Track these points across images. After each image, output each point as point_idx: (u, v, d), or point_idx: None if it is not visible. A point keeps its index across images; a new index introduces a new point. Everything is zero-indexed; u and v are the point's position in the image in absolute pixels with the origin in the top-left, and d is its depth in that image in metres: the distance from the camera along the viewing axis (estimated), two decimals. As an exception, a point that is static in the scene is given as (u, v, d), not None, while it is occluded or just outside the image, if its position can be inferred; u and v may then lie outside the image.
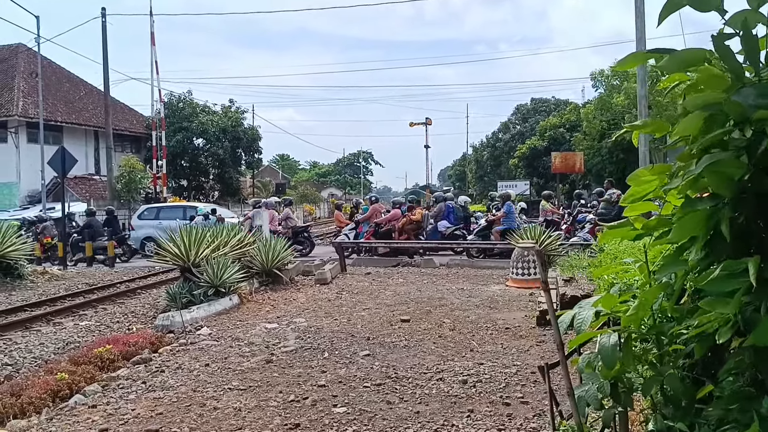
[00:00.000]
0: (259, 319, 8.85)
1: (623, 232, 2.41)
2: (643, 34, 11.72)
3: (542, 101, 56.90)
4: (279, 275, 12.12)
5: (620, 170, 34.05)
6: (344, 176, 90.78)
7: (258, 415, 4.91)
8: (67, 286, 13.72)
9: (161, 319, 8.66)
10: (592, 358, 2.54)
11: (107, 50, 30.12)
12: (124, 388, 5.76)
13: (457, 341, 7.18)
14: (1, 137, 33.13)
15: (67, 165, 17.93)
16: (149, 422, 4.81)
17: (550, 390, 2.69)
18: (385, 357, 6.52)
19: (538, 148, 44.07)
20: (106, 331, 8.96)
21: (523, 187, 36.71)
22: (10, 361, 7.38)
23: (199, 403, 5.25)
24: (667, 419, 2.35)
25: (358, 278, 13.07)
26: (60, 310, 10.51)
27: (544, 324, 7.72)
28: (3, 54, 36.97)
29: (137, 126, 40.05)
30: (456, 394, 5.29)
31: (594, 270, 4.48)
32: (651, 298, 2.22)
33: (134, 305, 11.09)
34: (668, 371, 2.38)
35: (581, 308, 2.56)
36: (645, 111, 12.02)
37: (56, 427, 4.83)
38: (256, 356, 6.74)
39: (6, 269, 14.13)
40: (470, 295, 10.34)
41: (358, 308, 9.44)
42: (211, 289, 9.83)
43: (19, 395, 5.56)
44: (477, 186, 59.82)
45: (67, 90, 37.78)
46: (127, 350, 7.05)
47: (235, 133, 42.99)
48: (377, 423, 4.66)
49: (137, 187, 32.25)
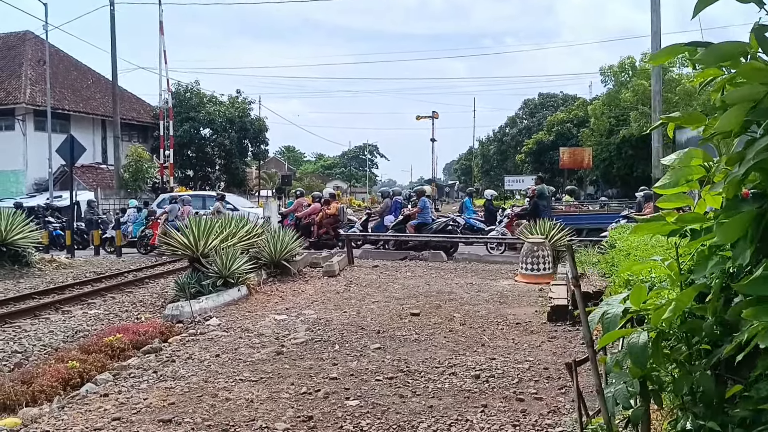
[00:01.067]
0: (268, 311, 8.83)
1: (656, 227, 2.36)
2: (658, 29, 11.63)
3: (550, 96, 56.72)
4: (287, 267, 12.10)
5: (628, 166, 33.96)
6: (349, 169, 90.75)
7: (270, 407, 4.89)
8: (74, 274, 13.72)
9: (170, 308, 8.65)
10: (620, 356, 2.50)
11: (115, 39, 30.09)
12: (135, 378, 5.74)
13: (468, 336, 7.15)
14: (8, 125, 33.16)
15: (76, 153, 17.92)
16: (161, 412, 4.80)
17: (578, 388, 2.64)
18: (396, 350, 6.49)
19: (545, 142, 43.93)
20: (114, 320, 8.95)
21: (530, 182, 36.50)
22: (20, 349, 7.37)
23: (211, 393, 5.23)
24: (698, 418, 2.32)
25: (365, 271, 13.04)
26: (68, 299, 10.50)
27: (555, 320, 7.69)
28: (11, 41, 36.97)
29: (144, 115, 40.05)
30: (469, 388, 5.26)
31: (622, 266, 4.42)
32: (687, 300, 2.18)
33: (142, 294, 11.09)
34: (699, 370, 2.35)
35: (609, 305, 2.52)
36: (659, 107, 11.92)
37: (68, 415, 4.82)
38: (266, 348, 6.72)
39: (14, 257, 14.14)
40: (479, 290, 10.30)
41: (367, 301, 9.41)
42: (220, 279, 9.82)
43: (30, 383, 5.56)
44: (483, 180, 59.69)
45: (74, 78, 37.78)
46: (137, 339, 7.05)
47: (241, 124, 42.94)
48: (390, 416, 4.64)
49: (144, 176, 32.25)
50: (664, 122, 2.50)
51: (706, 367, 2.37)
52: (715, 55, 2.20)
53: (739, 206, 1.92)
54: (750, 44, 2.08)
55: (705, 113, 2.51)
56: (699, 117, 2.43)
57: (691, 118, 2.42)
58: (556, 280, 10.11)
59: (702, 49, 2.27)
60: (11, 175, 32.96)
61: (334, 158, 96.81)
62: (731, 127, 2.04)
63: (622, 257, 6.87)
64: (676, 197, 2.38)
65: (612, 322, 2.43)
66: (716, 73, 2.40)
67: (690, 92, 28.01)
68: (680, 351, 2.47)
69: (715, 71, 2.40)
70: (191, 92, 42.05)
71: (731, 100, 2.03)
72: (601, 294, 6.62)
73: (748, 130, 2.09)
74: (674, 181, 2.33)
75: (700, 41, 2.28)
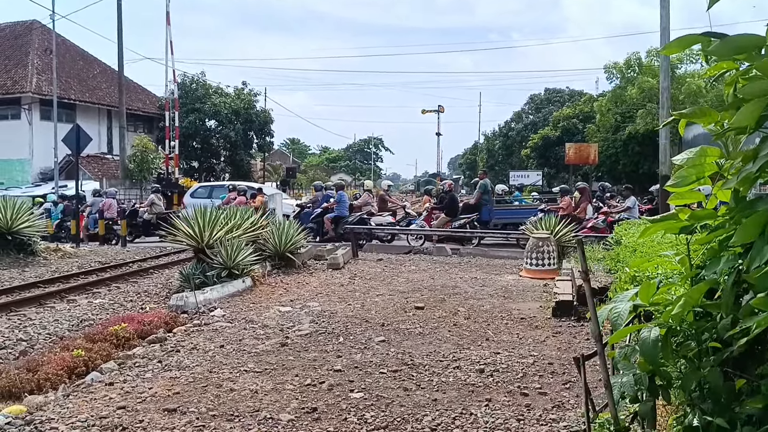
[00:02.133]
0: (273, 302, 8.85)
1: (668, 225, 2.35)
2: (667, 25, 11.57)
3: (556, 91, 56.48)
4: (291, 259, 12.11)
5: (634, 163, 33.82)
6: (354, 162, 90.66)
7: (275, 398, 4.89)
8: (80, 263, 13.76)
9: (175, 299, 8.67)
10: (628, 351, 2.50)
11: (122, 29, 30.06)
12: (141, 367, 5.76)
13: (473, 330, 7.14)
14: (14, 114, 33.24)
15: (82, 143, 17.94)
16: (167, 401, 4.81)
17: (585, 383, 2.64)
18: (400, 344, 6.50)
19: (551, 138, 43.75)
20: (119, 310, 8.97)
21: (535, 177, 36.49)
22: (25, 337, 7.39)
23: (216, 384, 5.24)
24: (706, 414, 2.31)
25: (370, 264, 13.05)
26: (73, 288, 10.53)
27: (560, 315, 7.68)
28: (17, 30, 37.02)
29: (150, 106, 40.07)
30: (473, 382, 5.26)
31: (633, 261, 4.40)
32: (697, 296, 2.17)
33: (147, 284, 11.11)
34: (708, 366, 2.34)
35: (618, 301, 2.52)
36: (667, 103, 11.86)
37: (73, 403, 4.83)
38: (270, 339, 6.73)
39: (19, 245, 14.18)
40: (483, 285, 10.30)
41: (372, 294, 9.41)
42: (225, 270, 9.83)
43: (36, 371, 5.58)
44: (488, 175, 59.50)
45: (80, 68, 37.82)
46: (142, 329, 7.07)
47: (247, 116, 42.91)
48: (395, 409, 4.64)
49: (149, 167, 32.29)
50: (676, 118, 2.49)
51: (714, 364, 2.36)
52: (729, 47, 2.17)
53: (755, 205, 1.91)
54: (764, 38, 2.06)
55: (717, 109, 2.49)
56: (711, 113, 2.41)
57: (703, 114, 2.40)
58: (561, 275, 10.10)
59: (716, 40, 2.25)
60: (17, 164, 33.04)
61: (338, 151, 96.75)
62: (747, 123, 2.02)
63: (628, 253, 6.86)
64: (689, 194, 2.37)
65: (620, 317, 2.43)
66: (730, 66, 2.38)
67: (696, 90, 27.86)
68: (689, 347, 2.47)
69: (728, 64, 2.38)
70: (197, 83, 42.01)
71: (747, 94, 2.01)
72: (606, 290, 6.59)
73: (762, 127, 2.08)
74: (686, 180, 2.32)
75: (715, 32, 2.25)
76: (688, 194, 2.42)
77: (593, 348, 6.15)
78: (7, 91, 32.57)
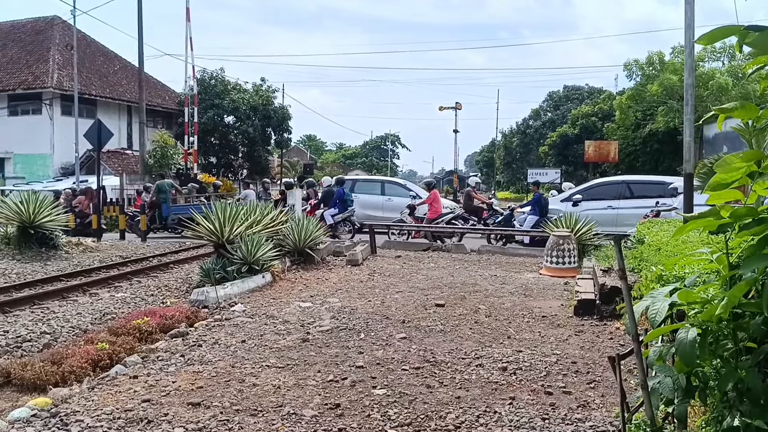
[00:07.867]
0: (293, 298, 8.86)
1: (706, 222, 2.31)
2: (692, 22, 11.42)
3: (575, 89, 56.13)
4: (311, 255, 12.13)
5: (653, 160, 33.53)
6: (371, 159, 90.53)
7: (298, 394, 4.90)
8: (101, 258, 13.87)
9: (196, 294, 8.71)
10: (663, 351, 2.46)
11: (142, 25, 30.18)
12: (164, 361, 5.78)
13: (494, 328, 7.11)
14: (35, 109, 33.54)
15: (103, 138, 18.07)
16: (190, 395, 4.83)
17: (621, 383, 2.60)
18: (422, 341, 6.48)
19: (570, 136, 43.47)
20: (141, 304, 9.05)
21: (553, 176, 36.19)
22: (49, 330, 7.46)
23: (238, 378, 5.26)
24: (744, 416, 2.27)
25: (388, 261, 13.03)
26: (95, 281, 10.62)
27: (582, 314, 7.62)
28: (38, 26, 37.33)
29: (169, 102, 40.27)
30: (496, 380, 5.23)
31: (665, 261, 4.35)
32: (739, 295, 2.12)
33: (167, 279, 11.19)
34: (746, 367, 2.30)
35: (655, 299, 2.48)
36: (691, 100, 11.72)
37: (98, 396, 4.87)
38: (291, 335, 6.74)
39: (41, 239, 14.32)
40: (503, 282, 10.24)
41: (391, 291, 9.40)
42: (245, 266, 9.86)
43: (60, 364, 5.63)
44: (505, 173, 59.24)
45: (101, 64, 38.09)
46: (165, 323, 7.11)
47: (265, 112, 42.97)
48: (418, 406, 4.62)
49: (168, 162, 32.46)
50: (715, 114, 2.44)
51: (752, 364, 2.32)
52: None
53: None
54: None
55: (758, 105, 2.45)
56: (752, 108, 2.37)
57: (744, 109, 2.36)
58: (582, 273, 10.02)
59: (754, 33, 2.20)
60: (38, 159, 33.35)
61: (355, 148, 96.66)
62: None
63: (653, 252, 6.79)
64: (726, 192, 2.32)
65: (657, 316, 2.39)
66: (770, 60, 2.33)
67: (723, 87, 27.51)
68: (726, 347, 2.42)
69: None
70: (216, 79, 42.14)
71: (792, 90, 1.97)
72: (630, 289, 6.53)
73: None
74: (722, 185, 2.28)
75: (755, 25, 2.20)
76: (725, 193, 2.37)
77: (617, 347, 6.11)
78: (29, 87, 32.87)
